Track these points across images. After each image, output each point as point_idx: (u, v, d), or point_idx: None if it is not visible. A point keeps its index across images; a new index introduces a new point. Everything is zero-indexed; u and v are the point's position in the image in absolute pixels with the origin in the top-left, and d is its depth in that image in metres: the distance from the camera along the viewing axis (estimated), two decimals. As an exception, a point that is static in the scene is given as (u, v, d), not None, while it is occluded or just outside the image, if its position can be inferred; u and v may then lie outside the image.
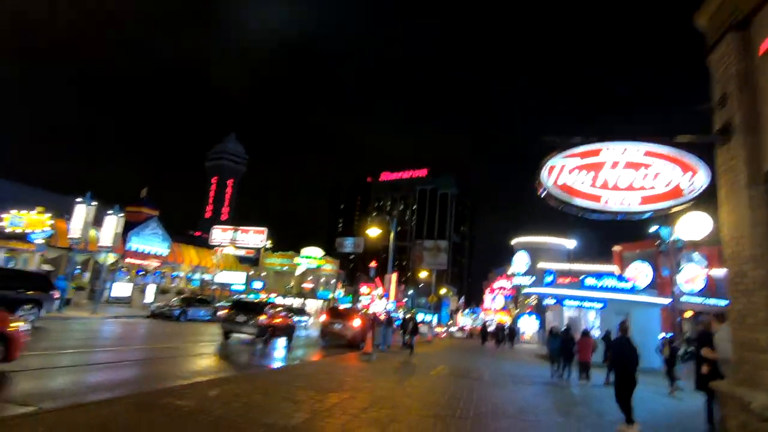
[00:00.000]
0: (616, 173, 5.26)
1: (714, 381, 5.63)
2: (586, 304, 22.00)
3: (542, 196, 5.48)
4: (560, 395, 10.65)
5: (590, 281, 22.10)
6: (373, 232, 19.34)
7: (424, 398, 8.03)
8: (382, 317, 29.19)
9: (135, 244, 28.35)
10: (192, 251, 35.48)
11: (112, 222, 21.59)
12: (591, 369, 13.03)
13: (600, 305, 21.74)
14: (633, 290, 22.13)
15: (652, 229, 16.70)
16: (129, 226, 28.47)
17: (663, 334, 21.22)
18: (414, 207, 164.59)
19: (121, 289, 28.35)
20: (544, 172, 5.46)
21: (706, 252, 41.44)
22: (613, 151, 5.35)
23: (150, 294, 29.17)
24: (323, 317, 19.68)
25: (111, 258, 27.25)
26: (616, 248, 47.34)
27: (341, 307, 20.27)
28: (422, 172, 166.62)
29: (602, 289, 21.94)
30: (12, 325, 6.65)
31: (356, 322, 18.41)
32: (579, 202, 5.28)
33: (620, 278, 23.05)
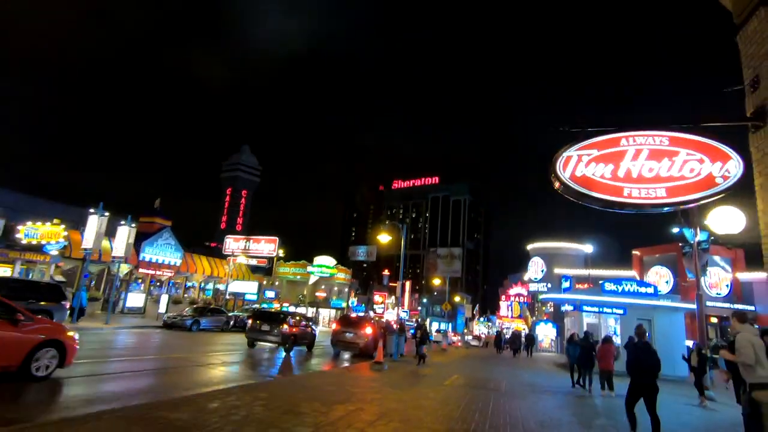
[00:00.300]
0: (639, 164, 4.84)
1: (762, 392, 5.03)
2: (606, 310, 21.22)
3: (559, 190, 5.09)
4: (582, 406, 10.07)
5: (610, 286, 21.33)
6: (384, 238, 18.98)
7: (437, 411, 7.60)
8: (395, 325, 28.73)
9: (148, 254, 28.51)
10: (204, 261, 35.58)
11: (125, 232, 21.70)
12: (613, 378, 12.37)
13: (620, 311, 20.95)
14: (655, 295, 21.29)
15: (674, 230, 15.93)
16: (142, 237, 28.69)
17: (690, 342, 20.30)
18: (427, 215, 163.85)
19: (135, 299, 28.41)
20: (559, 165, 5.07)
21: (731, 255, 40.06)
22: (633, 141, 4.95)
23: (163, 304, 29.18)
24: (334, 326, 19.34)
25: (125, 268, 27.45)
26: (636, 253, 46.03)
27: (353, 315, 19.89)
28: (434, 180, 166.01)
29: (623, 293, 21.16)
30: (68, 334, 7.51)
31: (368, 331, 18.05)
32: (599, 195, 4.87)
33: (641, 283, 22.20)
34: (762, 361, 4.92)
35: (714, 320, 36.95)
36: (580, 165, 5.01)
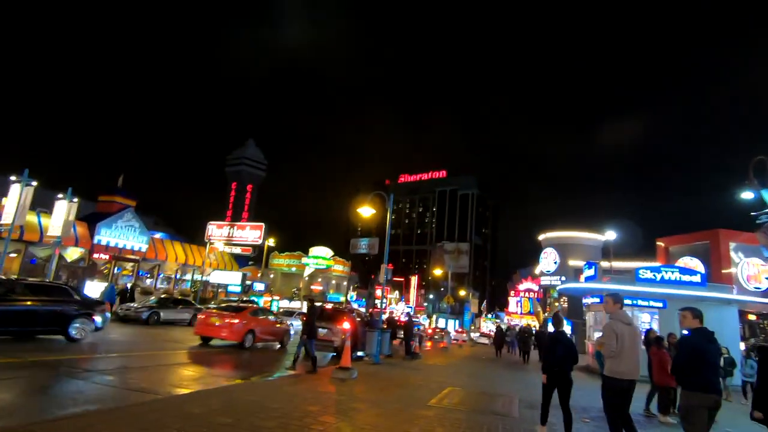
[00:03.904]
0: None
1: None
2: (641, 302, 17.37)
3: None
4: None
5: (646, 273, 17.45)
6: (366, 212, 15.32)
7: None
8: (401, 319, 24.87)
9: (105, 237, 25.01)
10: (178, 247, 32.12)
11: (63, 208, 18.31)
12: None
13: (659, 304, 17.10)
14: (703, 284, 17.37)
15: (744, 194, 11.96)
16: (100, 218, 25.29)
17: (751, 341, 16.45)
18: (434, 209, 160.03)
19: (94, 289, 25.08)
20: None
21: (770, 244, 35.66)
22: None
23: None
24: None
25: (76, 252, 24.14)
26: (660, 243, 41.84)
27: (327, 307, 16.32)
28: (442, 173, 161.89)
29: (662, 282, 17.28)
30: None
31: (345, 326, 14.50)
32: None
33: (685, 270, 18.25)
34: (624, 352, 4.80)
35: (752, 317, 32.75)
36: None
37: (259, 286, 41.93)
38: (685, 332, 4.86)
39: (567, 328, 38.06)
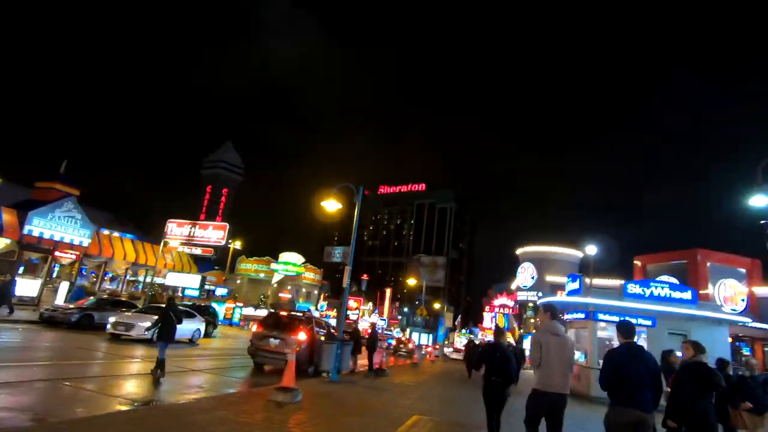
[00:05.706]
0: None
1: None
2: (629, 319, 15.97)
3: None
4: None
5: (634, 288, 16.11)
6: (332, 206, 13.46)
7: None
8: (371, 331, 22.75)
9: (38, 227, 22.10)
10: (128, 244, 29.26)
11: (-20, 189, 15.71)
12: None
13: (648, 322, 15.74)
14: (694, 302, 16.11)
15: (753, 200, 10.66)
16: (35, 206, 22.44)
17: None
18: (412, 221, 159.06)
19: (27, 287, 22.14)
20: None
21: (747, 266, 35.53)
22: None
23: (62, 294, 22.91)
24: (254, 327, 13.68)
25: (0, 243, 21.31)
26: (637, 261, 41.38)
27: (283, 313, 14.27)
28: (421, 186, 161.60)
29: (651, 298, 15.95)
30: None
31: (301, 336, 12.53)
32: None
33: (675, 286, 17.03)
34: (549, 363, 4.72)
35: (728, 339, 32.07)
36: None
37: (221, 291, 39.18)
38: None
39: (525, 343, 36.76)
